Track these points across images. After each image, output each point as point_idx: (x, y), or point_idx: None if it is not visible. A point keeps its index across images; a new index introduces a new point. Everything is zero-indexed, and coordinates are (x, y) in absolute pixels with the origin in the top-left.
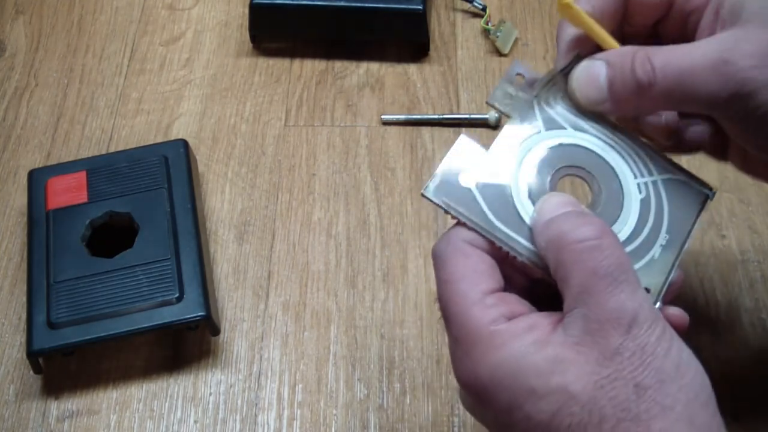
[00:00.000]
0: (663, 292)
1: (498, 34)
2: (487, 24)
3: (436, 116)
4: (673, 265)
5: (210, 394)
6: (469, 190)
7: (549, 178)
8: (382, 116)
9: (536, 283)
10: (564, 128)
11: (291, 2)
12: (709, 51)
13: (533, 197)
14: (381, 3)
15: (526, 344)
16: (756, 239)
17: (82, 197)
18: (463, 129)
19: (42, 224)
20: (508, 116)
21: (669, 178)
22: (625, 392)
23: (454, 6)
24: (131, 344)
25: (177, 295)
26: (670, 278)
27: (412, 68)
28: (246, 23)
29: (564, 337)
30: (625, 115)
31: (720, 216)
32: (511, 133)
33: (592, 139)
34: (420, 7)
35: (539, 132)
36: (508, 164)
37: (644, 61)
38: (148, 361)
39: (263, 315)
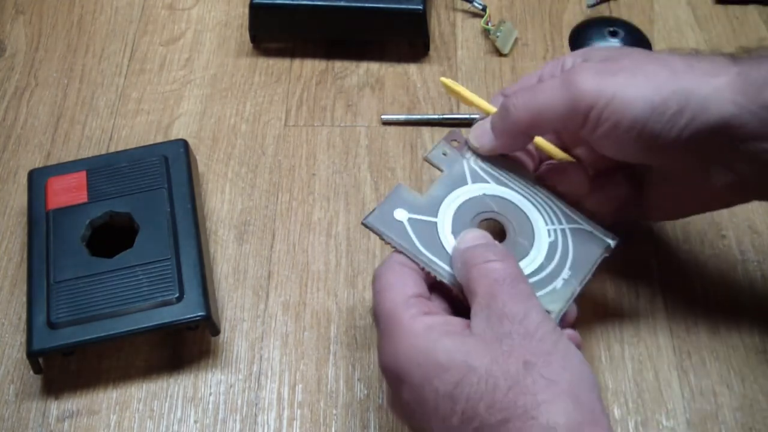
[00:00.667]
0: (561, 315)
1: (498, 34)
2: (487, 24)
3: (436, 116)
4: (572, 295)
5: (210, 394)
6: (402, 222)
7: (470, 220)
8: (382, 116)
9: (455, 305)
10: (488, 182)
11: (291, 2)
12: (555, 80)
13: (456, 233)
14: (381, 3)
15: (438, 332)
16: (756, 239)
17: (82, 197)
18: (463, 130)
19: (42, 224)
20: (441, 170)
21: (576, 228)
22: (515, 367)
23: (454, 6)
24: (131, 344)
25: (177, 295)
26: (568, 306)
27: (412, 68)
28: (246, 23)
29: (470, 330)
30: (510, 149)
31: (720, 216)
32: (443, 183)
33: (510, 192)
34: (420, 7)
35: (467, 184)
36: (437, 207)
37: (509, 99)
38: (148, 361)
39: (263, 315)
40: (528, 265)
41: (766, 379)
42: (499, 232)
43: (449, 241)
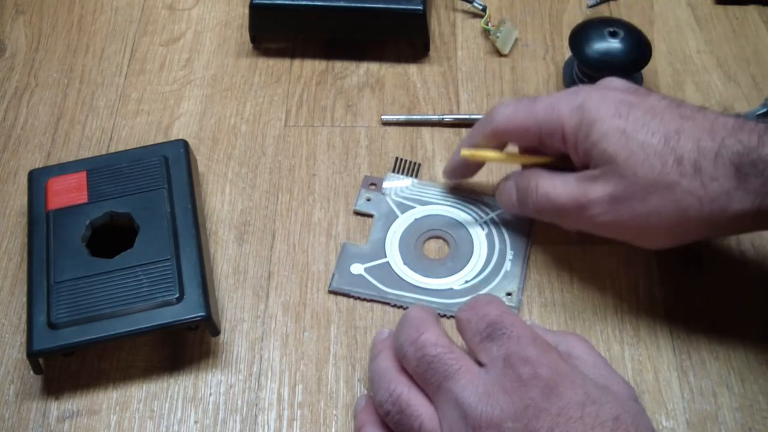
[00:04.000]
0: (520, 293)
1: (498, 34)
2: (487, 24)
3: (436, 116)
4: (522, 271)
5: (210, 394)
6: (361, 274)
7: (414, 246)
8: (382, 116)
9: None
10: (414, 207)
11: (291, 2)
12: (571, 192)
13: (407, 263)
14: (381, 3)
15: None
16: (756, 239)
17: (82, 197)
18: (463, 130)
19: (42, 224)
20: (371, 215)
21: (501, 211)
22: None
23: (454, 6)
24: (131, 344)
25: (177, 295)
26: (522, 283)
27: (412, 68)
28: (246, 23)
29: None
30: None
31: None
32: (378, 224)
33: (436, 207)
34: (420, 7)
35: (398, 217)
36: (383, 247)
37: (533, 189)
38: (148, 361)
39: (263, 315)
40: (475, 263)
41: (766, 379)
42: (442, 246)
43: (406, 273)
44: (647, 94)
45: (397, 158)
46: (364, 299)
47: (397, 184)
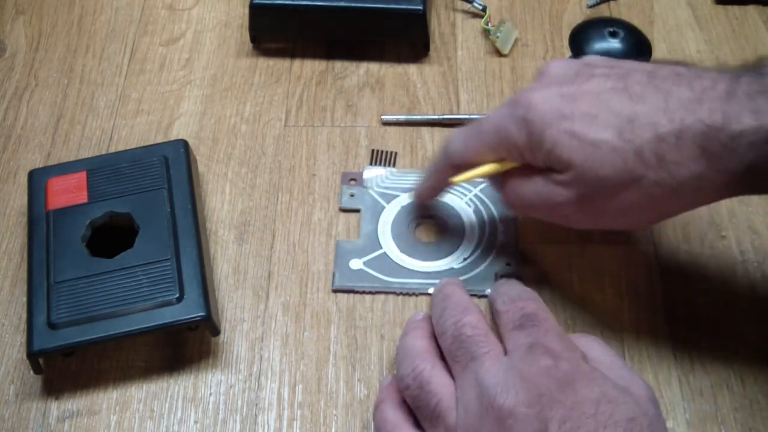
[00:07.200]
0: (518, 262)
1: (498, 34)
2: (487, 24)
3: (436, 116)
4: (515, 239)
5: (210, 394)
6: (361, 269)
7: (407, 233)
8: (382, 116)
9: None
10: (398, 195)
11: (291, 2)
12: (539, 191)
13: (403, 251)
14: (381, 3)
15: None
16: (756, 239)
17: (82, 197)
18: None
19: (42, 224)
20: (358, 210)
21: (484, 187)
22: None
23: (454, 6)
24: (131, 344)
25: (177, 295)
26: (518, 251)
27: (412, 68)
28: (246, 23)
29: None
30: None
31: (720, 216)
32: (367, 218)
33: None
34: (420, 7)
35: (385, 207)
36: (377, 239)
37: (505, 188)
38: (148, 361)
39: (263, 315)
40: (469, 240)
41: (766, 379)
42: (435, 231)
43: (404, 260)
44: (589, 77)
45: (373, 150)
46: (370, 292)
47: (375, 173)
